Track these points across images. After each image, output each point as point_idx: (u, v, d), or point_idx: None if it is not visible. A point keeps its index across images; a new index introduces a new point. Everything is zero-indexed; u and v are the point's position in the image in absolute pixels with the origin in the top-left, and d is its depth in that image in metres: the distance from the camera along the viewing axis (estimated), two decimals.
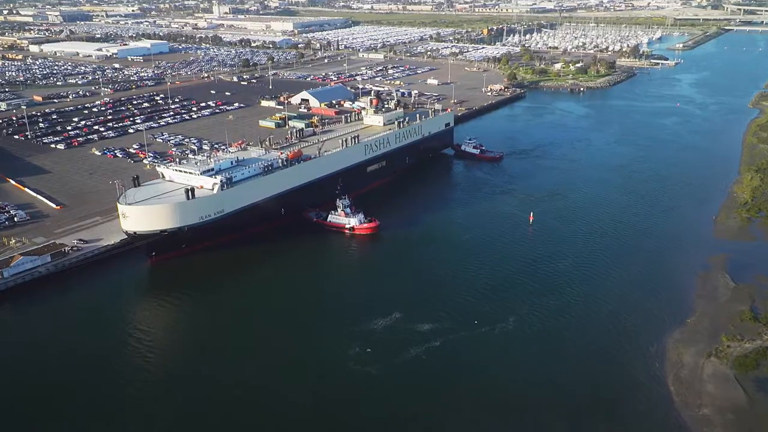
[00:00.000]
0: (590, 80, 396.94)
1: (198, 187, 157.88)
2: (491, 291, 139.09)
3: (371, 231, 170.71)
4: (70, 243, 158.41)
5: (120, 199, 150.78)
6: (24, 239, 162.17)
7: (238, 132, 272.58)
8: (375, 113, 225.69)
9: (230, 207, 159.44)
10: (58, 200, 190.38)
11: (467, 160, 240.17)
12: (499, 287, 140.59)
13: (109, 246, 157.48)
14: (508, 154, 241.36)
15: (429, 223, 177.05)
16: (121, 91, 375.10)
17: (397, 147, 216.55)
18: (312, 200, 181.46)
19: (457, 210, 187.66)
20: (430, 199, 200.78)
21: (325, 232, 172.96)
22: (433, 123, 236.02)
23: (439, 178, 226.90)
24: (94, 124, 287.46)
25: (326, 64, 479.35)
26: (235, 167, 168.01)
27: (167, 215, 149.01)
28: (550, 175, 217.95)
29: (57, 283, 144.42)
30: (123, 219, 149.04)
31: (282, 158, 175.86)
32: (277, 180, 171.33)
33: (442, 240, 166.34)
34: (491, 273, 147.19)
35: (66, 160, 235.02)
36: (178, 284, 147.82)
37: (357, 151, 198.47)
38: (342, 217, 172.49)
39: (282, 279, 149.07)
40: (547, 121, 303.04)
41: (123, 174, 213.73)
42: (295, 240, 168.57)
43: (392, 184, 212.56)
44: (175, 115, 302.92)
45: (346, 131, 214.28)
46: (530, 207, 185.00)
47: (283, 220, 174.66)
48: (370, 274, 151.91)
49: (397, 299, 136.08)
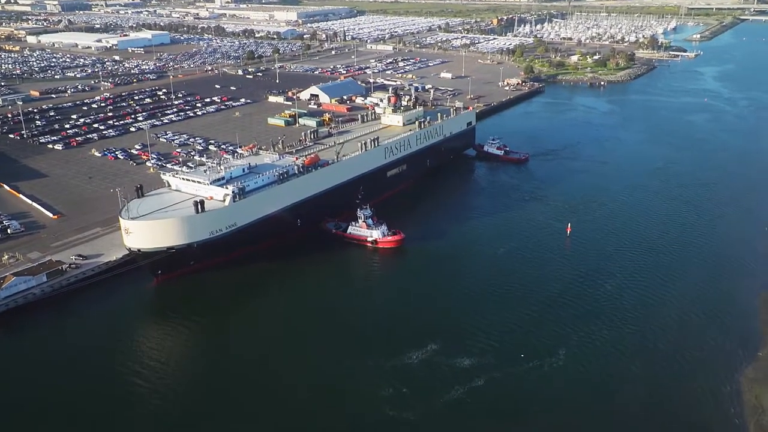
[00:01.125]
0: (610, 73, 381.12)
1: (207, 198, 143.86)
2: (534, 316, 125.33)
3: (396, 244, 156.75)
4: (67, 259, 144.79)
5: (122, 212, 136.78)
6: (18, 255, 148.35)
7: (245, 130, 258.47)
8: (394, 112, 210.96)
9: (243, 220, 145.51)
10: (55, 209, 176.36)
11: (490, 162, 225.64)
12: (543, 312, 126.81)
13: (110, 263, 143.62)
14: (533, 156, 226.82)
15: (457, 235, 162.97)
16: (121, 85, 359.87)
17: (417, 149, 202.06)
18: (330, 209, 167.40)
19: (485, 219, 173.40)
20: (455, 207, 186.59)
21: (345, 245, 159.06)
22: (455, 122, 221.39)
23: (462, 183, 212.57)
24: (94, 121, 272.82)
25: (334, 56, 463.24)
26: (247, 175, 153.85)
27: (174, 231, 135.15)
28: (581, 179, 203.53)
29: (53, 306, 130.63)
30: (126, 235, 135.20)
31: (298, 164, 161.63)
32: (293, 189, 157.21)
33: (474, 254, 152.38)
34: (532, 294, 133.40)
35: (64, 162, 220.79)
36: (187, 307, 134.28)
37: (377, 155, 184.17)
38: (363, 229, 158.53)
39: (300, 300, 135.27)
40: (571, 118, 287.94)
41: (124, 178, 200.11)
42: (312, 254, 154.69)
43: (413, 190, 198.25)
44: (178, 112, 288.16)
45: (364, 132, 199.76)
46: (565, 216, 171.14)
47: (299, 232, 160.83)
48: (398, 294, 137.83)
49: (431, 326, 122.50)
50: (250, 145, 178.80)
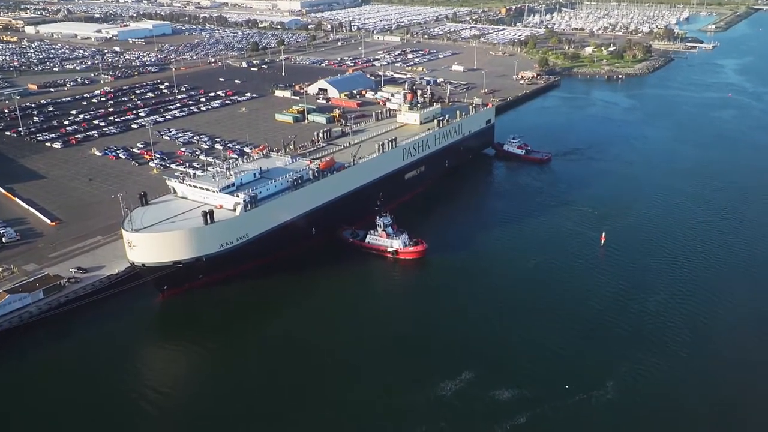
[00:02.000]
0: (627, 66, 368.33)
1: (217, 207, 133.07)
2: (575, 339, 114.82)
3: (418, 255, 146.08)
4: (66, 272, 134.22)
5: (125, 223, 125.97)
6: (13, 267, 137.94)
7: (252, 127, 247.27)
8: (410, 110, 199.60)
9: (255, 230, 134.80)
10: (53, 214, 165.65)
11: (511, 162, 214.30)
12: (584, 334, 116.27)
13: (112, 277, 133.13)
14: (555, 155, 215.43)
15: (483, 245, 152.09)
16: (122, 78, 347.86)
17: (436, 149, 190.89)
18: (345, 216, 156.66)
19: (511, 227, 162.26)
20: (477, 212, 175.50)
21: (362, 256, 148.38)
22: (474, 120, 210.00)
23: (482, 185, 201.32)
24: (94, 117, 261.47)
25: (340, 48, 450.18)
26: (258, 181, 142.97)
27: (182, 244, 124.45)
28: (609, 182, 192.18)
29: (50, 326, 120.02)
30: (129, 248, 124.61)
31: (312, 168, 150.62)
32: (307, 195, 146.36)
33: (502, 267, 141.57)
34: (570, 313, 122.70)
35: (63, 161, 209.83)
36: (195, 326, 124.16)
37: (394, 157, 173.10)
38: (383, 239, 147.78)
39: (315, 318, 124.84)
40: (591, 114, 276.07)
41: (126, 180, 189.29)
42: (328, 266, 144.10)
43: (431, 193, 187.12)
44: (182, 107, 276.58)
45: (380, 132, 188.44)
46: (596, 223, 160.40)
47: (313, 241, 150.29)
48: (423, 312, 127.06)
49: (463, 350, 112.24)
50: (260, 147, 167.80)
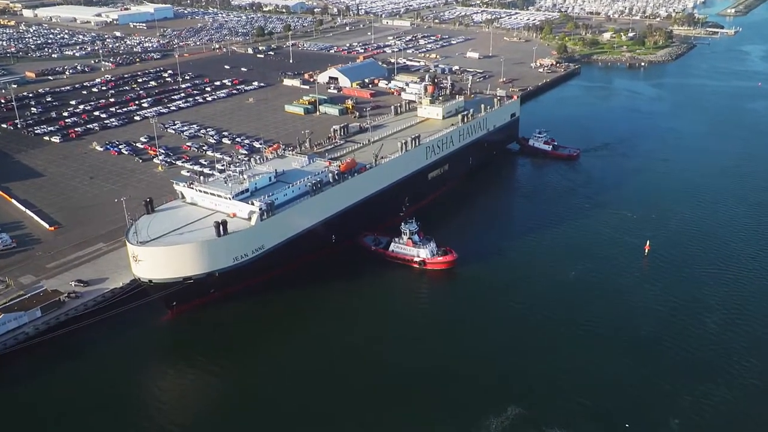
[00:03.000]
0: (649, 53, 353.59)
1: (230, 215, 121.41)
2: (628, 367, 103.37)
3: (447, 266, 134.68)
4: (65, 286, 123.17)
5: (129, 234, 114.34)
6: (8, 279, 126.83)
7: (260, 120, 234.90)
8: (432, 103, 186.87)
9: (272, 241, 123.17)
10: (52, 218, 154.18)
11: (536, 158, 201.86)
12: (639, 360, 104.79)
13: (116, 291, 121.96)
14: (584, 151, 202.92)
15: (515, 253, 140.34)
16: (123, 65, 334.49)
17: (460, 146, 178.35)
18: (366, 221, 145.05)
19: (545, 233, 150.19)
20: (506, 216, 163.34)
21: (386, 266, 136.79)
22: (499, 114, 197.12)
23: (509, 185, 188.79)
24: (95, 108, 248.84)
25: (348, 33, 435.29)
26: (274, 185, 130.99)
27: (192, 258, 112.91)
28: (645, 181, 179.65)
29: (48, 348, 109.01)
30: (134, 263, 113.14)
31: (332, 170, 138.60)
32: (327, 200, 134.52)
33: (539, 279, 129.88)
34: (619, 335, 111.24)
35: (62, 157, 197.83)
36: (207, 347, 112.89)
37: (418, 155, 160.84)
38: (409, 247, 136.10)
39: (336, 336, 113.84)
40: (616, 105, 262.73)
41: (130, 179, 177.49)
42: (349, 277, 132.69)
43: (455, 194, 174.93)
44: (186, 97, 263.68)
45: (400, 128, 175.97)
46: (636, 228, 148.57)
47: (333, 249, 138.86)
48: (456, 332, 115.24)
49: (505, 378, 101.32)
50: (274, 146, 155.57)
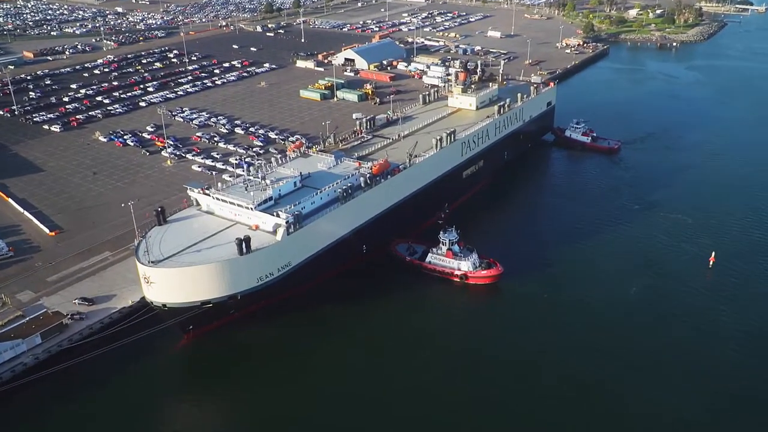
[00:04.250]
0: (679, 32, 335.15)
1: (252, 227, 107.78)
2: (719, 410, 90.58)
3: (492, 280, 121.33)
4: (68, 304, 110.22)
5: (139, 251, 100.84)
6: (4, 296, 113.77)
7: (274, 106, 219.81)
8: (464, 92, 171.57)
9: (299, 256, 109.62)
10: (53, 221, 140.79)
11: (573, 151, 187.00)
12: (730, 400, 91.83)
13: (125, 311, 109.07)
14: (625, 143, 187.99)
15: (565, 265, 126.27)
16: (126, 44, 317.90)
17: (496, 140, 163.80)
18: (398, 226, 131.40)
19: (594, 239, 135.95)
20: (548, 219, 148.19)
21: (421, 279, 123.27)
22: (535, 103, 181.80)
23: (547, 181, 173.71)
24: (97, 93, 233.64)
25: (361, 9, 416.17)
26: (300, 192, 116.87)
27: (211, 280, 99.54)
28: (696, 179, 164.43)
29: (50, 381, 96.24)
30: (146, 285, 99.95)
31: (364, 173, 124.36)
32: (359, 207, 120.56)
33: (596, 297, 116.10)
34: (698, 368, 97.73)
35: (63, 149, 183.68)
36: (228, 373, 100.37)
37: (453, 153, 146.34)
38: (449, 260, 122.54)
39: (366, 359, 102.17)
40: (652, 89, 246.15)
41: (137, 175, 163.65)
42: (381, 292, 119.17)
43: (490, 192, 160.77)
44: (194, 81, 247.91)
45: (431, 120, 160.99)
46: (695, 235, 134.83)
47: (363, 259, 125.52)
48: (503, 360, 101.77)
49: (564, 418, 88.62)
50: (296, 143, 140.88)
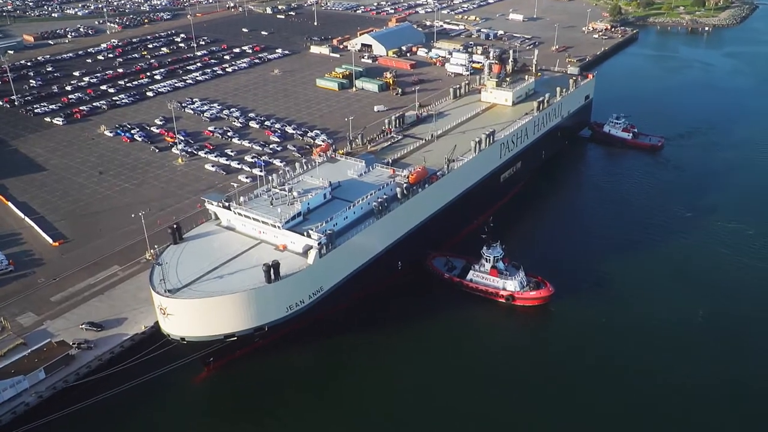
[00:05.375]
0: (711, 15, 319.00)
1: (279, 248, 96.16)
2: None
3: (542, 302, 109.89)
4: (74, 331, 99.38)
5: (153, 278, 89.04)
6: (3, 320, 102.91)
7: (289, 96, 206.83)
8: (499, 86, 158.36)
9: (332, 280, 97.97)
10: (56, 228, 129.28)
11: (612, 148, 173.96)
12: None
13: (136, 338, 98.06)
14: (668, 139, 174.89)
15: (621, 283, 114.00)
16: (131, 27, 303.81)
17: (534, 139, 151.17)
18: (433, 238, 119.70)
19: (648, 253, 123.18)
20: (595, 229, 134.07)
21: (462, 298, 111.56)
22: (574, 97, 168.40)
23: (587, 184, 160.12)
24: (101, 81, 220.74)
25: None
26: (331, 205, 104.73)
27: (236, 311, 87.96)
28: (751, 182, 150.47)
29: (54, 423, 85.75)
30: (163, 317, 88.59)
31: (400, 182, 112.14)
32: (395, 221, 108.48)
33: (660, 322, 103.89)
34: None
35: (66, 144, 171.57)
36: (252, 410, 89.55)
37: (491, 155, 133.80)
38: (493, 278, 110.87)
39: (402, 393, 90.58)
40: (690, 79, 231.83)
41: (147, 174, 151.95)
42: (416, 314, 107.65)
43: (527, 197, 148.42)
44: (203, 68, 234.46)
45: (465, 117, 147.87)
46: (758, 248, 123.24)
47: (397, 276, 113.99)
48: (559, 399, 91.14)
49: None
50: (322, 145, 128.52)
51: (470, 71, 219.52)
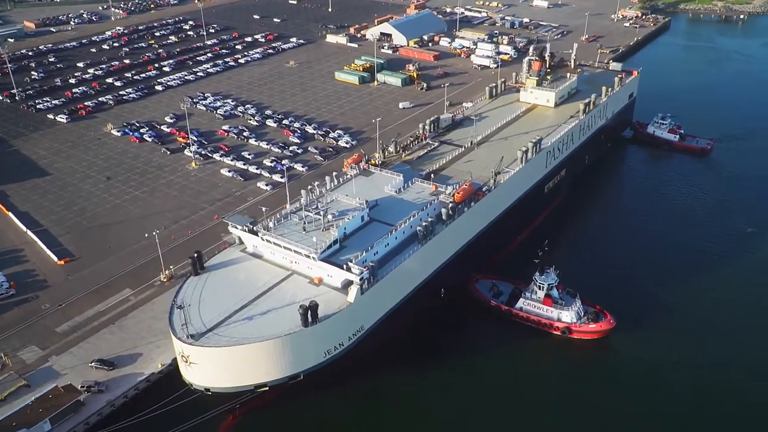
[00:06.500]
0: (744, 1, 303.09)
1: (314, 281, 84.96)
2: None
3: (602, 335, 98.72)
4: (82, 370, 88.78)
5: (173, 321, 77.70)
6: (4, 356, 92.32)
7: (307, 91, 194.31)
8: (539, 85, 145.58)
9: (373, 317, 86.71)
10: (61, 243, 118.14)
11: (656, 150, 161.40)
12: None
13: (152, 379, 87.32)
14: (717, 141, 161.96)
15: (687, 314, 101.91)
16: (136, 13, 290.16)
17: (579, 144, 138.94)
18: (477, 259, 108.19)
19: (716, 278, 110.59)
20: (649, 244, 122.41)
21: (512, 329, 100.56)
22: (618, 97, 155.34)
23: (634, 192, 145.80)
24: (107, 73, 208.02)
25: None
26: (369, 228, 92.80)
27: (268, 360, 76.77)
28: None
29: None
30: (185, 365, 77.60)
31: (444, 201, 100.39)
32: (440, 246, 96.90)
33: (737, 360, 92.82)
34: None
35: (71, 145, 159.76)
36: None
37: (537, 164, 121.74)
38: (547, 308, 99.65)
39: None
40: (732, 73, 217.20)
41: (157, 180, 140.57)
42: (462, 349, 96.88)
43: (569, 208, 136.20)
44: (214, 59, 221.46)
45: (504, 120, 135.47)
46: None
47: (440, 303, 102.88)
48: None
49: None
50: (354, 156, 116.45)
51: (498, 63, 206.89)
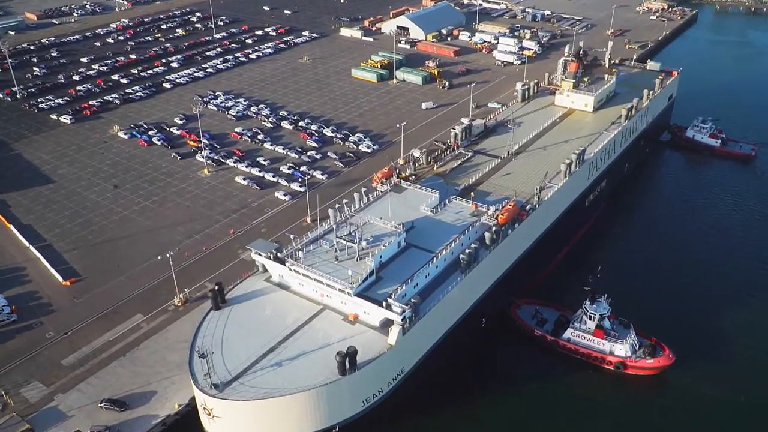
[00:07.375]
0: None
1: (349, 318, 76.34)
2: None
3: (657, 372, 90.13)
4: (91, 411, 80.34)
5: (194, 368, 69.13)
6: (5, 394, 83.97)
7: (323, 89, 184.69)
8: (577, 88, 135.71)
9: (414, 358, 77.98)
10: (66, 261, 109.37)
11: (695, 155, 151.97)
12: None
13: (168, 422, 78.60)
14: (762, 146, 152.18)
15: (751, 346, 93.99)
16: (142, 4, 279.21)
17: (620, 152, 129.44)
18: (518, 283, 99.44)
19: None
20: (702, 264, 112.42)
21: (559, 361, 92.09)
22: (659, 99, 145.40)
23: (676, 203, 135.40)
24: (112, 69, 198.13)
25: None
26: (407, 256, 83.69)
27: (301, 413, 68.36)
28: None
29: None
30: (207, 417, 69.21)
31: (486, 222, 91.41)
32: (482, 273, 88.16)
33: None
34: None
35: (75, 149, 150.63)
36: None
37: (580, 178, 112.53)
38: (598, 340, 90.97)
39: None
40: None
41: (168, 188, 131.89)
42: (506, 385, 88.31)
43: (610, 221, 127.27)
44: (224, 54, 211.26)
45: (541, 127, 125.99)
46: None
47: (481, 334, 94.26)
48: None
49: None
50: (384, 169, 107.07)
51: (523, 60, 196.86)
